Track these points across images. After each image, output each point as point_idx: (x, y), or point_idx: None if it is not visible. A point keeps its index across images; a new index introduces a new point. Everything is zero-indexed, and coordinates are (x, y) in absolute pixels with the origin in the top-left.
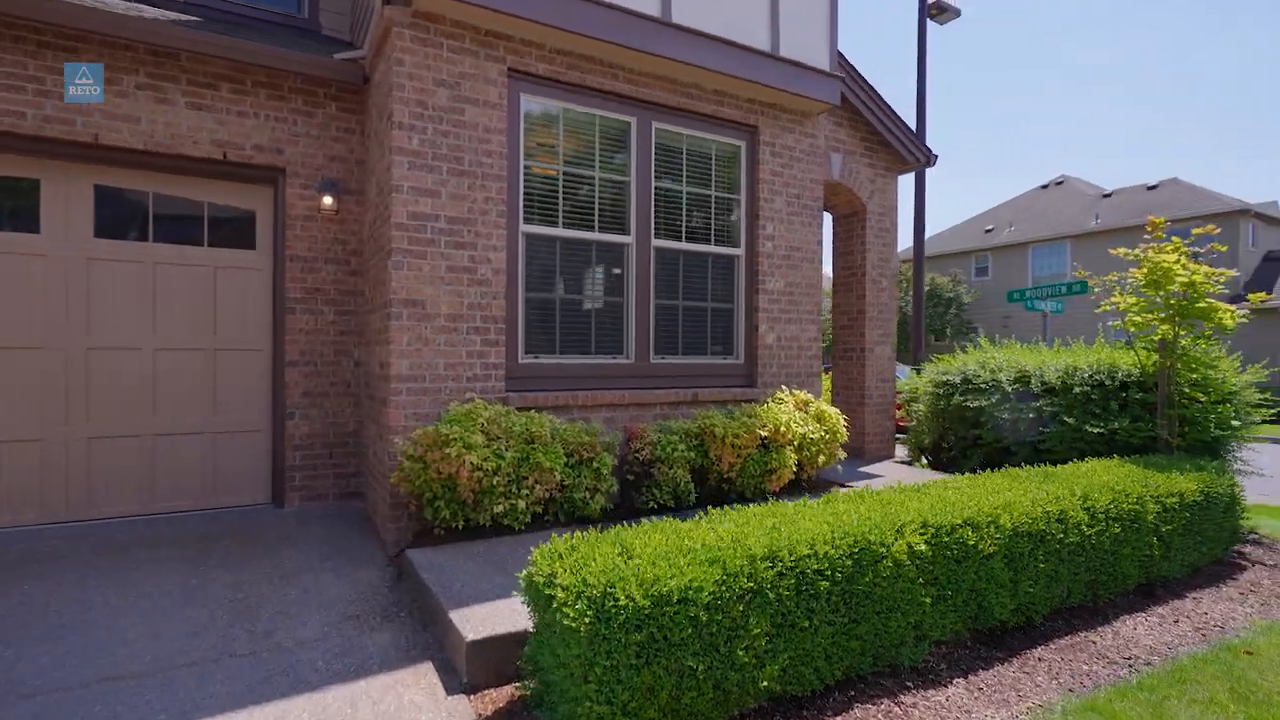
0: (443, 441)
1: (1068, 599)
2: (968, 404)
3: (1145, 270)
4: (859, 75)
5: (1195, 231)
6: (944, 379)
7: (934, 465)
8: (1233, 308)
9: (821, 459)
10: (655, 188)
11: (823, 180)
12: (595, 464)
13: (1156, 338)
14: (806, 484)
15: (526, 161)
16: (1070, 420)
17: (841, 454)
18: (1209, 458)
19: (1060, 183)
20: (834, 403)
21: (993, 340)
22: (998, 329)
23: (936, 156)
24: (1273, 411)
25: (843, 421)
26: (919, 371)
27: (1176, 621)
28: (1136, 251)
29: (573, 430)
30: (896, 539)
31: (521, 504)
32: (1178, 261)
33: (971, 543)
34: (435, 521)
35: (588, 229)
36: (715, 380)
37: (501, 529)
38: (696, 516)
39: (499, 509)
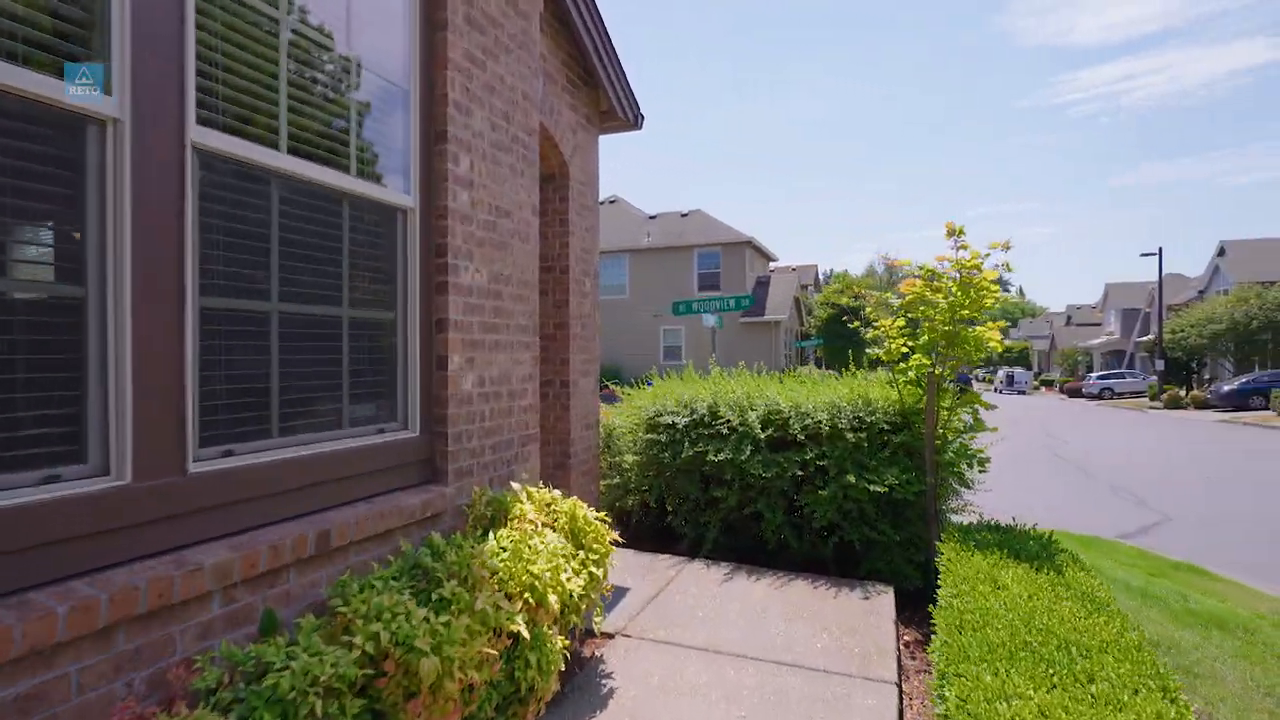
0: None
1: None
2: (708, 456)
3: (918, 289)
4: None
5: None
6: (665, 420)
7: (655, 538)
8: (997, 333)
9: (576, 618)
10: None
11: (537, 102)
12: None
13: (911, 369)
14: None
15: None
16: (851, 478)
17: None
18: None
19: (614, 201)
20: None
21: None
22: None
23: (644, 118)
24: None
25: (607, 533)
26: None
27: None
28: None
29: None
30: None
31: None
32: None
33: None
34: None
35: None
36: (363, 483)
37: None
38: None
39: None
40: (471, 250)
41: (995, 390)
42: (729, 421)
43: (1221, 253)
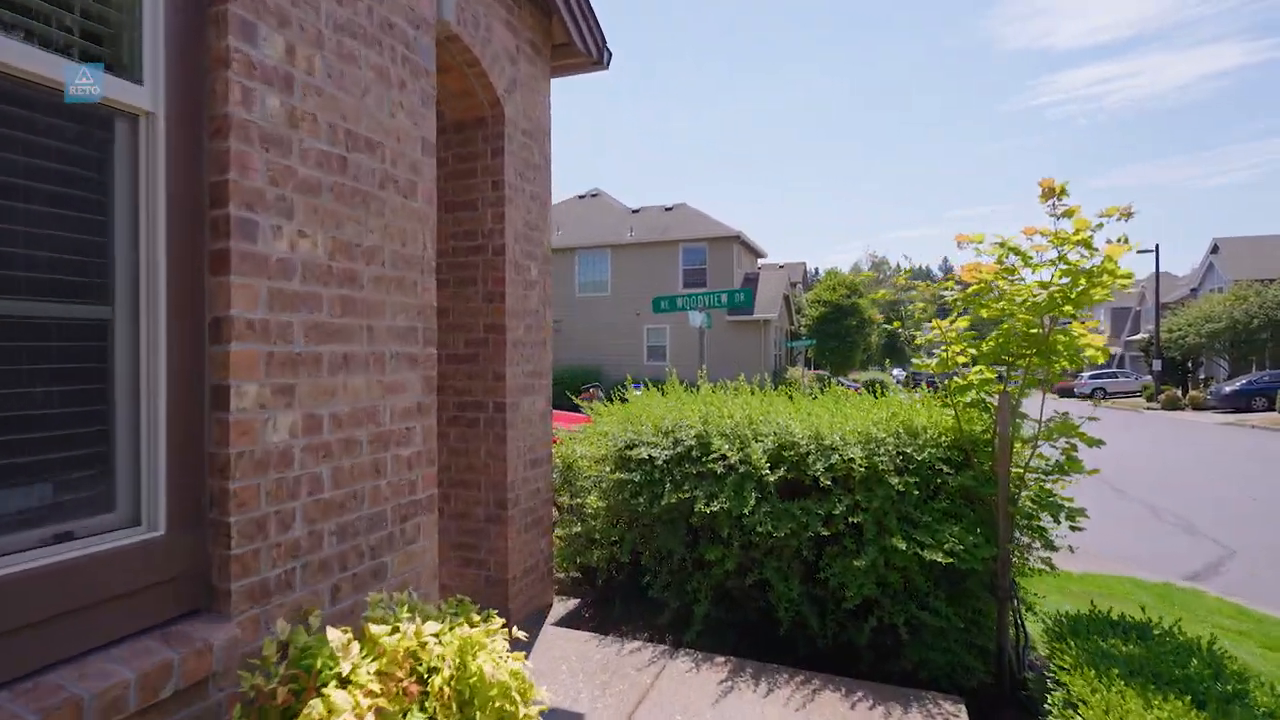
0: None
1: None
2: (697, 505)
3: (987, 274)
4: None
5: None
6: (639, 453)
7: (629, 603)
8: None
9: None
10: None
11: None
12: None
13: (974, 386)
14: None
15: None
16: (896, 540)
17: None
18: None
19: (595, 195)
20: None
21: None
22: None
23: (611, 55)
24: None
25: (528, 692)
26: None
27: None
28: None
29: None
30: None
31: None
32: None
33: None
34: None
35: None
36: (24, 642)
37: None
38: None
39: None
40: (290, 200)
41: None
42: (725, 457)
43: (1215, 250)
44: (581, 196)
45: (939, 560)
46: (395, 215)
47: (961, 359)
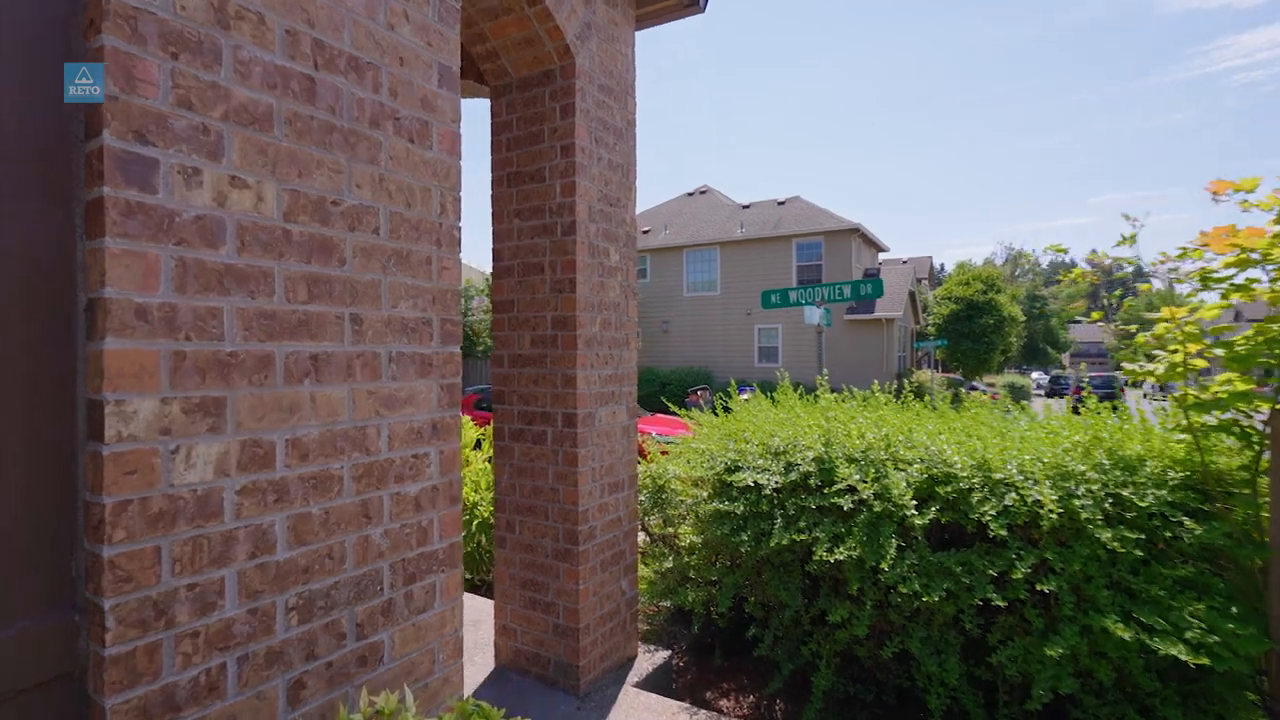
0: None
1: None
2: (818, 551)
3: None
4: None
5: None
6: (743, 479)
7: (730, 655)
8: None
9: None
10: None
11: None
12: None
13: (1228, 397)
14: None
15: None
16: (1110, 623)
17: None
18: None
19: (704, 192)
20: (479, 572)
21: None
22: (657, 335)
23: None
24: None
25: None
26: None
27: None
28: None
29: None
30: None
31: None
32: None
33: None
34: None
35: None
36: None
37: None
38: None
39: None
40: (218, 133)
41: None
42: (854, 490)
43: None
44: (690, 194)
45: (1180, 656)
46: (397, 165)
47: (1199, 363)
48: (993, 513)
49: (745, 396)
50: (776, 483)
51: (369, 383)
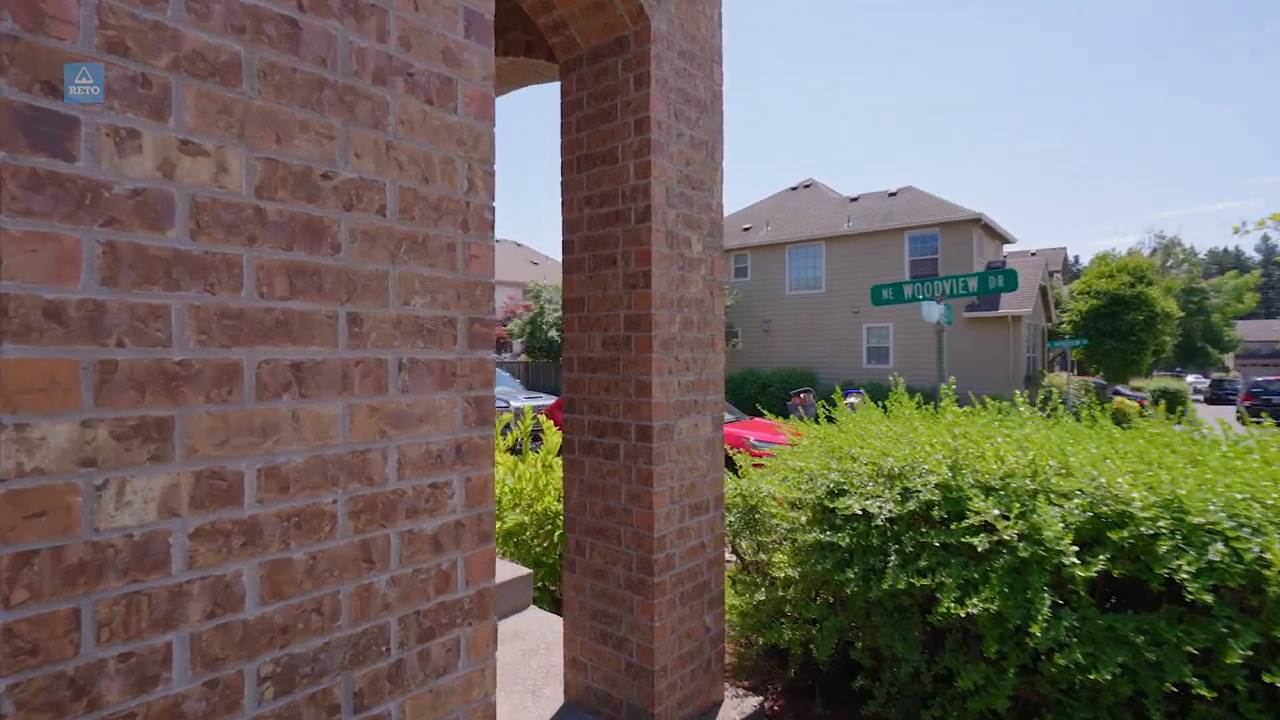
0: None
1: None
2: (945, 601)
3: None
4: None
5: None
6: (849, 507)
7: (833, 704)
8: None
9: None
10: None
11: None
12: None
13: None
14: None
15: None
16: None
17: None
18: None
19: (809, 186)
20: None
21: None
22: (757, 335)
23: None
24: None
25: None
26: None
27: None
28: None
29: None
30: None
31: None
32: None
33: None
34: None
35: None
36: None
37: None
38: None
39: None
40: (162, 84)
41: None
42: (991, 527)
43: None
44: (793, 188)
45: None
46: (409, 131)
47: None
48: (1191, 569)
49: (852, 401)
50: (890, 512)
51: (371, 396)
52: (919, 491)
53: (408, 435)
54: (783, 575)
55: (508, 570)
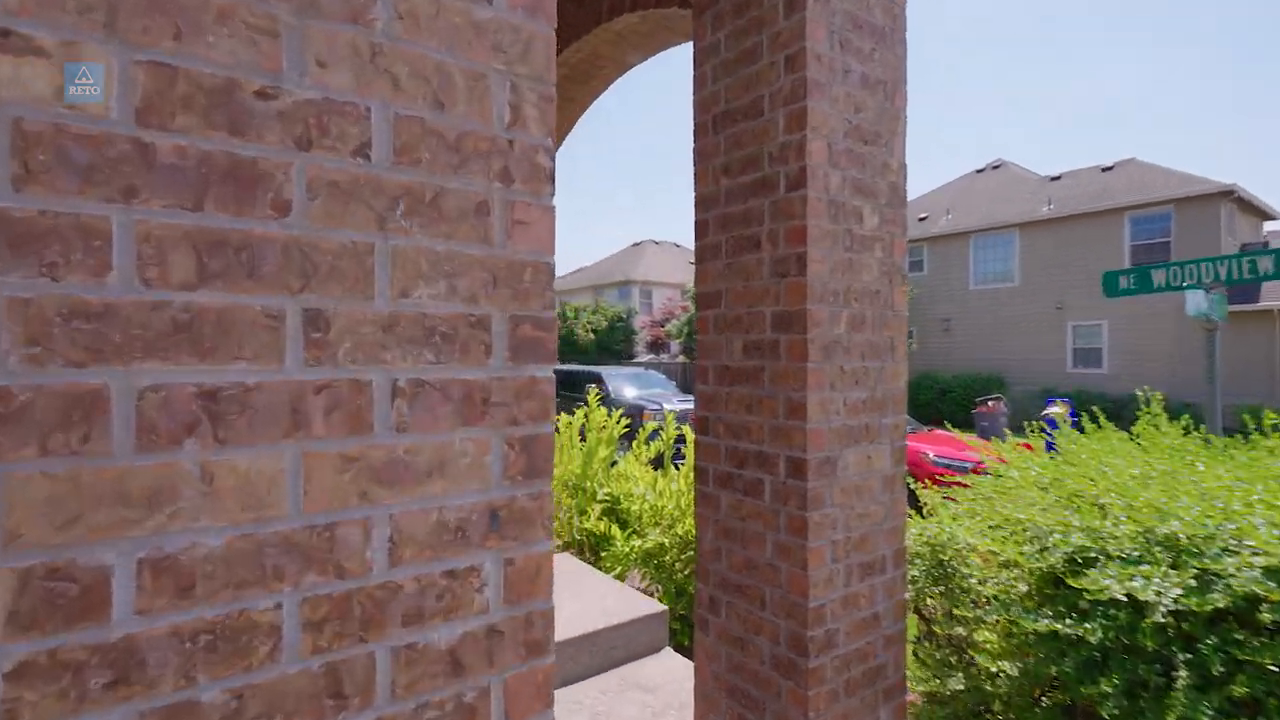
0: None
1: None
2: None
3: None
4: None
5: None
6: (1098, 586)
7: None
8: None
9: None
10: None
11: None
12: None
13: None
14: None
15: None
16: None
17: None
18: None
19: (997, 167)
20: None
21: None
22: (935, 335)
23: None
24: None
25: None
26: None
27: None
28: None
29: None
30: None
31: None
32: None
33: None
34: None
35: None
36: None
37: None
38: None
39: None
40: None
41: None
42: None
43: None
44: (980, 170)
45: None
46: (412, 27)
47: None
48: None
49: (1052, 412)
50: (1174, 600)
51: (344, 439)
52: (1229, 577)
53: (406, 498)
54: (991, 667)
55: (640, 603)
